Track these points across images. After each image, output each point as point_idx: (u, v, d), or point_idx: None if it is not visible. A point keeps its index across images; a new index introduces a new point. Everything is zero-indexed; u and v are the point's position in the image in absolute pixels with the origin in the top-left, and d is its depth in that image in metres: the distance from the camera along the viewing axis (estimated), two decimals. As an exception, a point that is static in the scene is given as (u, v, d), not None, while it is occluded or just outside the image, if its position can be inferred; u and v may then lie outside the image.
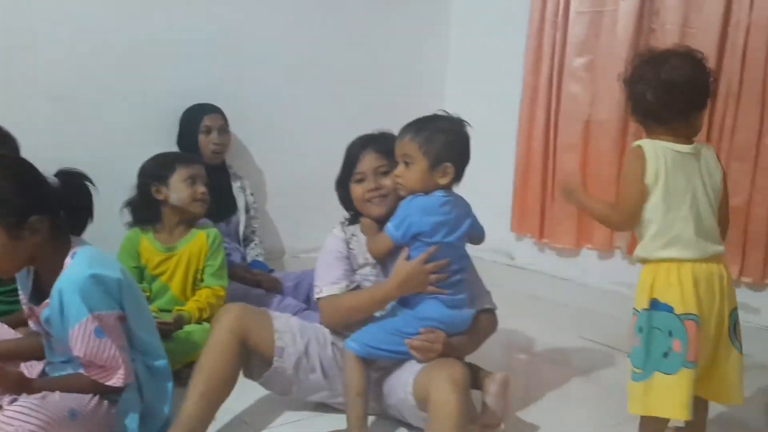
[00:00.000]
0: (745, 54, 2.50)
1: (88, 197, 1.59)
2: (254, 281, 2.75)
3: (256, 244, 3.01)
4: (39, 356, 1.66)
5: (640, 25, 2.81)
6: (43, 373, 1.64)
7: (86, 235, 1.64)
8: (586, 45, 3.03)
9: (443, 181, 1.73)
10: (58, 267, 1.50)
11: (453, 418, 1.48)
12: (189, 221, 2.30)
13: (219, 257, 2.30)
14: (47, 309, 1.51)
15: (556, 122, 3.17)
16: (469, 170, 1.81)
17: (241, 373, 1.76)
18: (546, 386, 2.22)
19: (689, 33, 2.64)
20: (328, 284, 1.85)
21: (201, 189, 2.26)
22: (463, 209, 1.78)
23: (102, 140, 2.78)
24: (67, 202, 1.54)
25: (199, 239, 2.28)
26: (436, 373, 1.56)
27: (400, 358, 1.74)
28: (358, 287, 1.86)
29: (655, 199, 1.60)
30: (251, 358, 1.77)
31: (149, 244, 2.26)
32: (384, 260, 1.83)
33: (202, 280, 2.30)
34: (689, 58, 1.65)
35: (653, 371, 1.56)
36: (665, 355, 1.56)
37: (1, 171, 1.45)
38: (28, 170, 1.51)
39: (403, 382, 1.70)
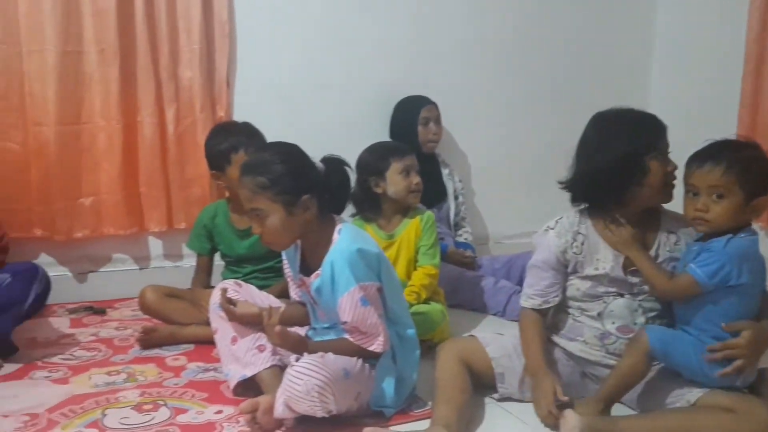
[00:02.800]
0: None
1: (347, 180, 1.74)
2: (468, 264, 2.83)
3: (465, 230, 3.09)
4: (304, 322, 1.85)
5: None
6: (306, 338, 1.81)
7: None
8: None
9: (754, 216, 1.60)
10: (325, 242, 1.66)
11: None
12: (405, 209, 2.39)
13: (432, 237, 2.35)
14: (318, 279, 1.67)
15: (789, 93, 2.89)
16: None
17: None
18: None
19: None
20: (526, 296, 1.85)
21: (415, 180, 2.32)
22: None
23: (322, 135, 3.00)
24: (330, 184, 1.69)
25: (415, 223, 2.36)
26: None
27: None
28: (547, 310, 1.82)
29: None
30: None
31: (374, 233, 2.35)
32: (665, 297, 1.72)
33: (417, 260, 2.36)
34: None
35: None
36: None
37: (279, 156, 1.64)
38: (301, 156, 1.68)
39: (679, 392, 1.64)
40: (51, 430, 1.65)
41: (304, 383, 1.49)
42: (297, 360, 1.57)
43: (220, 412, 1.77)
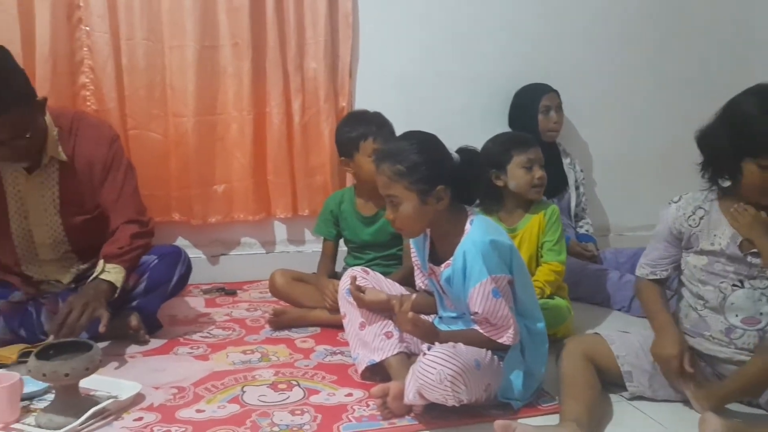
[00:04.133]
0: None
1: (480, 172, 1.74)
2: (591, 257, 2.76)
3: (586, 221, 3.01)
4: (431, 311, 1.88)
5: None
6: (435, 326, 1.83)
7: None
8: None
9: None
10: (457, 232, 1.67)
11: None
12: (528, 203, 2.33)
13: (556, 232, 2.29)
14: (448, 269, 1.69)
15: None
16: None
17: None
18: None
19: None
20: (639, 265, 1.86)
21: (538, 174, 2.25)
22: None
23: (442, 123, 3.01)
24: (464, 175, 1.70)
25: (538, 218, 2.30)
26: None
27: None
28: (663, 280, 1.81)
29: None
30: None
31: None
32: None
33: (542, 256, 2.32)
34: None
35: None
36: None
37: (418, 145, 1.66)
38: (439, 146, 1.70)
39: None
40: (197, 404, 1.77)
41: (437, 372, 1.52)
42: (429, 349, 1.59)
43: (350, 395, 1.83)
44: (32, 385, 1.73)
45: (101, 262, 2.05)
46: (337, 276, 2.39)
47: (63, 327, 1.88)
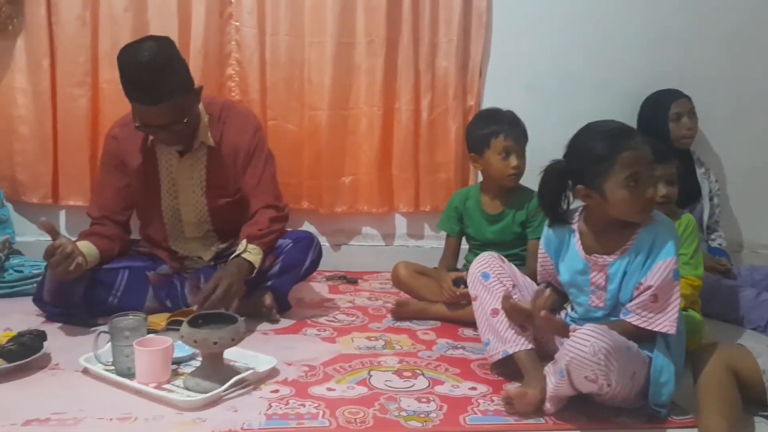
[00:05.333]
0: None
1: None
2: (724, 271, 2.63)
3: (719, 234, 2.88)
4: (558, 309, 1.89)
5: None
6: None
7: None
8: None
9: None
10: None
11: None
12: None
13: (692, 244, 2.20)
14: (622, 258, 1.70)
15: None
16: None
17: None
18: None
19: None
20: None
21: (662, 192, 2.17)
22: None
23: (568, 126, 2.97)
24: None
25: None
26: None
27: None
28: None
29: None
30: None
31: None
32: None
33: None
34: None
35: None
36: None
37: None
38: None
39: None
40: (328, 382, 1.85)
41: (591, 345, 1.50)
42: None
43: (474, 388, 1.85)
44: (180, 351, 1.87)
45: (243, 241, 2.18)
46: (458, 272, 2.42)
47: (207, 301, 2.02)
